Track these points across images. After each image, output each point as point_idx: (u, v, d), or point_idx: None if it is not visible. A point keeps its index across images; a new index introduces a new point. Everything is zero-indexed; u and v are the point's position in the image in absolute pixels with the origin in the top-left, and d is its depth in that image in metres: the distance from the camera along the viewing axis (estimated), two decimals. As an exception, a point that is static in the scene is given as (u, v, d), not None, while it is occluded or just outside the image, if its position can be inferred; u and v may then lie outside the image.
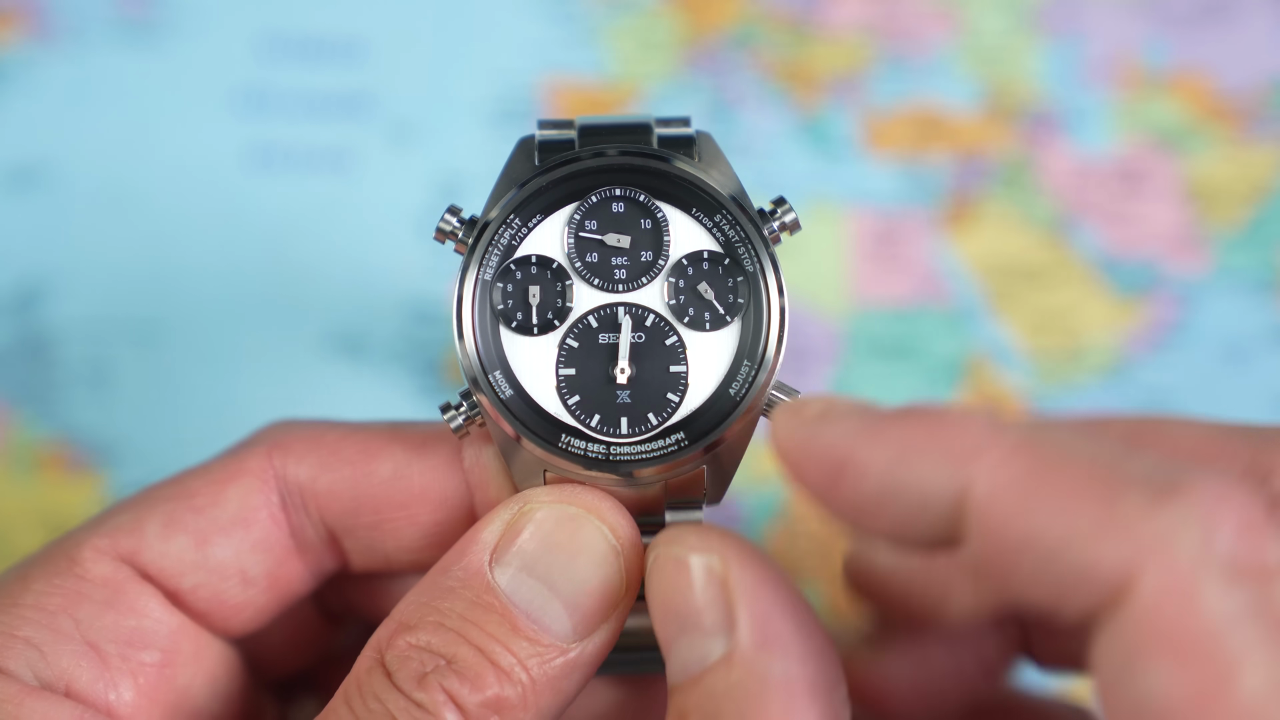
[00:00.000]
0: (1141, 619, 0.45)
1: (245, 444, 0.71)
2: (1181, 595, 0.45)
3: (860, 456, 0.52)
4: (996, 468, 0.49)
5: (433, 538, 0.70)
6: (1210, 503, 0.46)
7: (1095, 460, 0.48)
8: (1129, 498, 0.46)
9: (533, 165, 0.68)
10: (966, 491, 0.49)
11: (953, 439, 0.50)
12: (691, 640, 0.53)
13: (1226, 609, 0.45)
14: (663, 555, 0.53)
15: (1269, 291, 0.99)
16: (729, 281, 0.67)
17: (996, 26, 1.00)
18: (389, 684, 0.61)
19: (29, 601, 0.66)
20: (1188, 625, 0.45)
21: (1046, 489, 0.48)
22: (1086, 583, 0.47)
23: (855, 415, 0.53)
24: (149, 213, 0.99)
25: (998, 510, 0.48)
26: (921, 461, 0.50)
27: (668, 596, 0.53)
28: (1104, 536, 0.46)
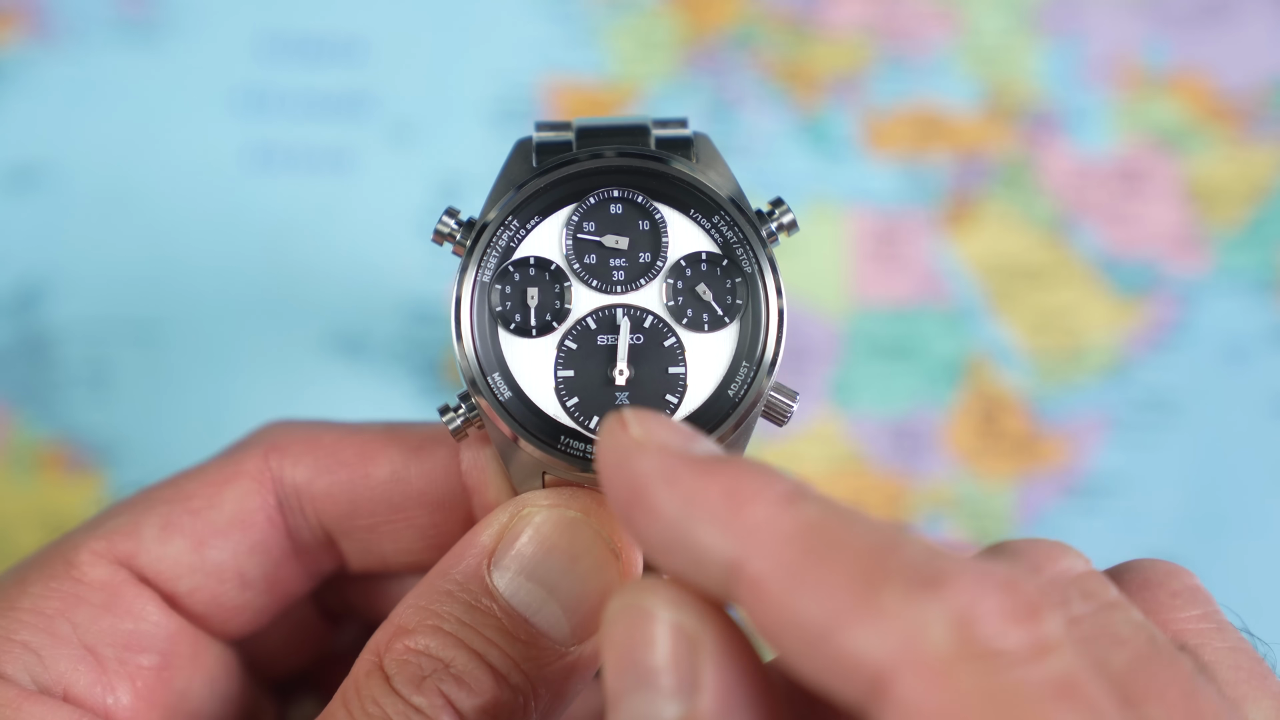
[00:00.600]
0: (906, 710, 0.45)
1: (241, 445, 0.71)
2: (936, 686, 0.45)
3: (653, 500, 0.51)
4: (769, 549, 0.48)
5: (430, 540, 0.70)
6: (968, 593, 0.46)
7: (866, 549, 0.48)
8: (889, 589, 0.46)
9: (530, 167, 0.68)
10: (739, 566, 0.49)
11: (737, 509, 0.49)
12: (645, 698, 0.50)
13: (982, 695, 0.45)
14: (631, 604, 0.52)
15: (1269, 291, 0.99)
16: (727, 283, 0.67)
17: (996, 26, 1.00)
18: (387, 688, 0.61)
19: (26, 605, 0.66)
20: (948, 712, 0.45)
21: (813, 576, 0.47)
22: (847, 672, 0.47)
23: (663, 454, 0.52)
24: (149, 213, 0.99)
25: (765, 591, 0.48)
26: (703, 524, 0.50)
27: (629, 648, 0.51)
28: (861, 628, 0.46)
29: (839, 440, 0.99)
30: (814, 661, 0.48)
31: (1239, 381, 0.99)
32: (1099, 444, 0.99)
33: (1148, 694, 0.49)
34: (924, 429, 0.99)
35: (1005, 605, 0.46)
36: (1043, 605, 0.47)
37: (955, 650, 0.45)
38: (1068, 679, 0.46)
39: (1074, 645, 0.47)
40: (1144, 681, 0.50)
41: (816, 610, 0.47)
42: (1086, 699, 0.46)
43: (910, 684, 0.45)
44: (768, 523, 0.49)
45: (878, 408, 0.99)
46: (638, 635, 0.51)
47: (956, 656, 0.45)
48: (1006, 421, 0.99)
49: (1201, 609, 0.56)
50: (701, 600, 0.51)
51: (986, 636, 0.46)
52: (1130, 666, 0.50)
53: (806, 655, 0.48)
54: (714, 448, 0.53)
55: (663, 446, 0.52)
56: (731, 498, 0.50)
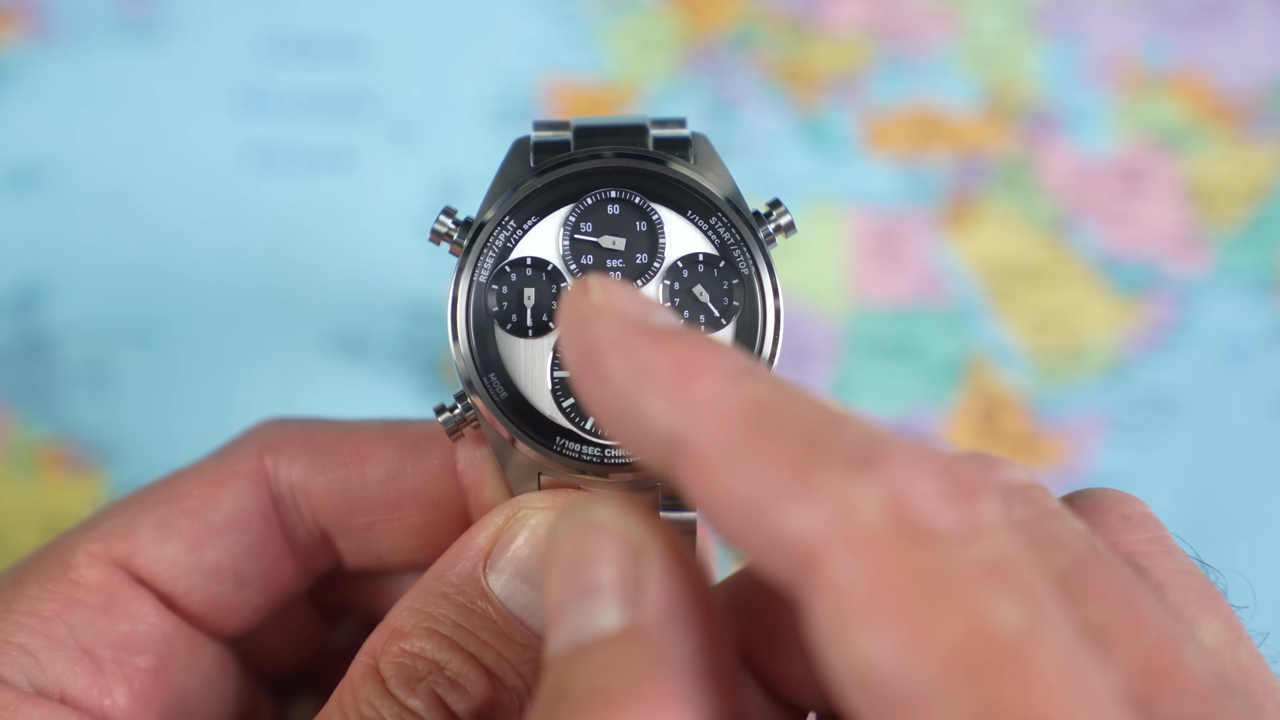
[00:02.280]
0: (834, 587, 0.45)
1: (236, 444, 0.71)
2: (865, 564, 0.45)
3: (605, 364, 0.51)
4: (712, 423, 0.48)
5: (426, 538, 0.70)
6: (904, 472, 0.46)
7: (807, 428, 0.47)
8: (826, 468, 0.46)
9: (528, 167, 0.67)
10: (680, 438, 0.48)
11: (685, 382, 0.49)
12: (588, 608, 0.50)
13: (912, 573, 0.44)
14: (579, 517, 0.51)
15: (1269, 291, 0.99)
16: (724, 284, 0.67)
17: (996, 26, 1.00)
18: (383, 690, 0.61)
19: (23, 607, 0.66)
20: (878, 589, 0.44)
21: (752, 451, 0.47)
22: (780, 550, 0.46)
23: (620, 321, 0.51)
24: (149, 212, 0.99)
25: (705, 465, 0.48)
26: (650, 394, 0.49)
27: (573, 559, 0.50)
28: (794, 505, 0.46)
29: (839, 440, 0.99)
30: (749, 538, 0.47)
31: (1239, 381, 0.99)
32: (1099, 444, 0.99)
33: (1086, 593, 0.49)
34: (924, 429, 0.99)
35: (941, 487, 0.46)
36: (979, 490, 0.46)
37: (887, 528, 0.45)
38: (1001, 560, 0.45)
39: (1012, 533, 0.46)
40: (1082, 582, 0.49)
41: (752, 486, 0.47)
42: (1021, 581, 0.45)
43: (840, 561, 0.45)
44: (713, 397, 0.48)
45: (878, 408, 0.99)
46: (584, 547, 0.51)
47: (888, 535, 0.45)
48: (1006, 421, 0.99)
49: (1152, 532, 0.56)
50: (647, 512, 0.51)
51: (919, 516, 0.45)
52: (1069, 568, 0.50)
53: (742, 532, 0.47)
54: (674, 320, 0.53)
55: (621, 313, 0.52)
56: (680, 370, 0.49)
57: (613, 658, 0.49)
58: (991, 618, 0.44)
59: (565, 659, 0.50)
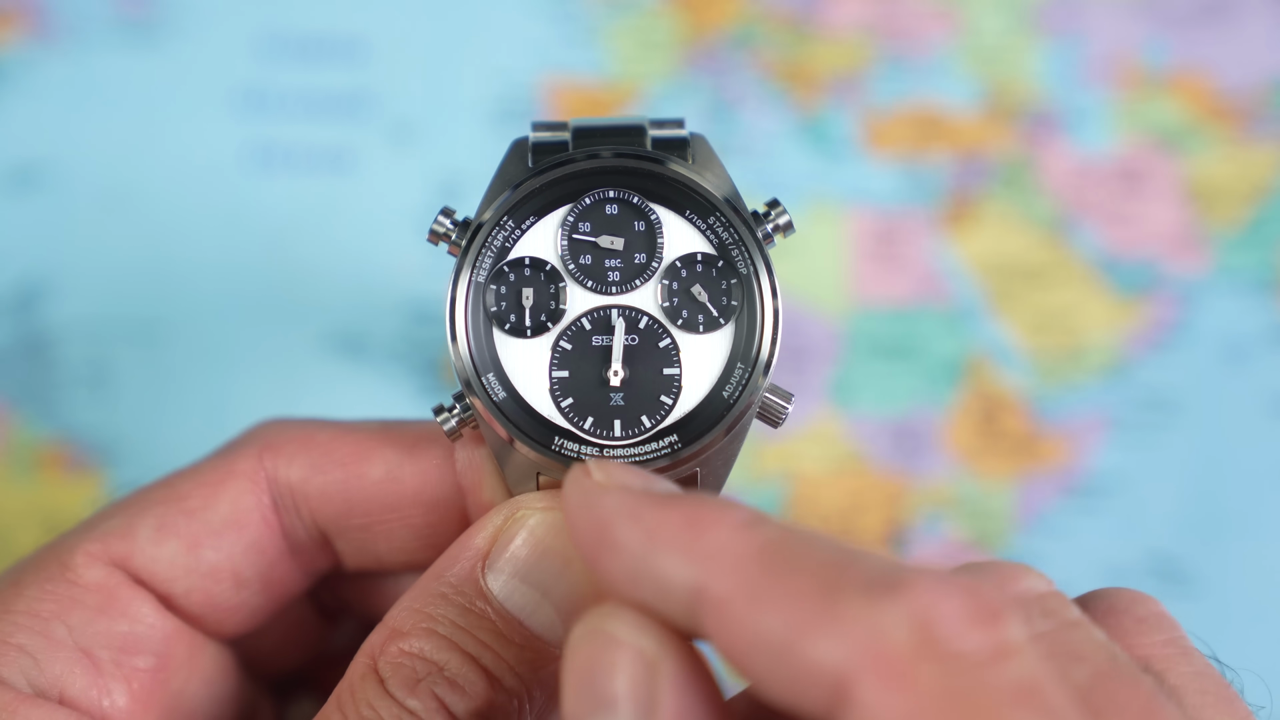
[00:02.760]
0: (870, 713, 0.46)
1: (236, 444, 0.71)
2: (897, 688, 0.45)
3: (617, 535, 0.52)
4: (730, 569, 0.49)
5: (425, 539, 0.70)
6: (928, 596, 0.46)
7: (825, 563, 0.48)
8: (848, 597, 0.47)
9: (526, 167, 0.68)
10: (702, 591, 0.50)
11: (697, 536, 0.50)
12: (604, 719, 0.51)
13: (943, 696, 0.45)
14: (596, 629, 0.52)
15: (1269, 291, 0.99)
16: (723, 284, 0.67)
17: (996, 26, 1.00)
18: (382, 691, 0.61)
19: (22, 608, 0.66)
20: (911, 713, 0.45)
21: (774, 591, 0.48)
22: (810, 682, 0.47)
23: (625, 493, 0.53)
24: (149, 213, 0.99)
25: (728, 612, 0.49)
26: (665, 553, 0.51)
27: (590, 672, 0.52)
28: (821, 635, 0.47)
29: (839, 440, 0.99)
30: (779, 677, 0.48)
31: (1239, 381, 0.99)
32: (1099, 444, 0.99)
33: (1109, 709, 0.49)
34: (924, 429, 0.99)
35: (966, 608, 0.46)
36: (1003, 611, 0.47)
37: (916, 651, 0.46)
38: (1029, 682, 0.46)
39: (1035, 652, 0.47)
40: (1105, 697, 0.50)
41: (778, 624, 0.48)
42: (1048, 703, 0.46)
43: (872, 687, 0.46)
44: (727, 545, 0.50)
45: (878, 408, 0.99)
46: (600, 660, 0.52)
47: (917, 657, 0.46)
48: (1006, 421, 0.99)
49: (1167, 634, 0.57)
50: (663, 626, 0.52)
51: (947, 638, 0.46)
52: (1091, 682, 0.50)
53: (772, 672, 0.48)
54: (673, 487, 0.55)
55: (624, 486, 0.54)
56: (691, 526, 0.51)
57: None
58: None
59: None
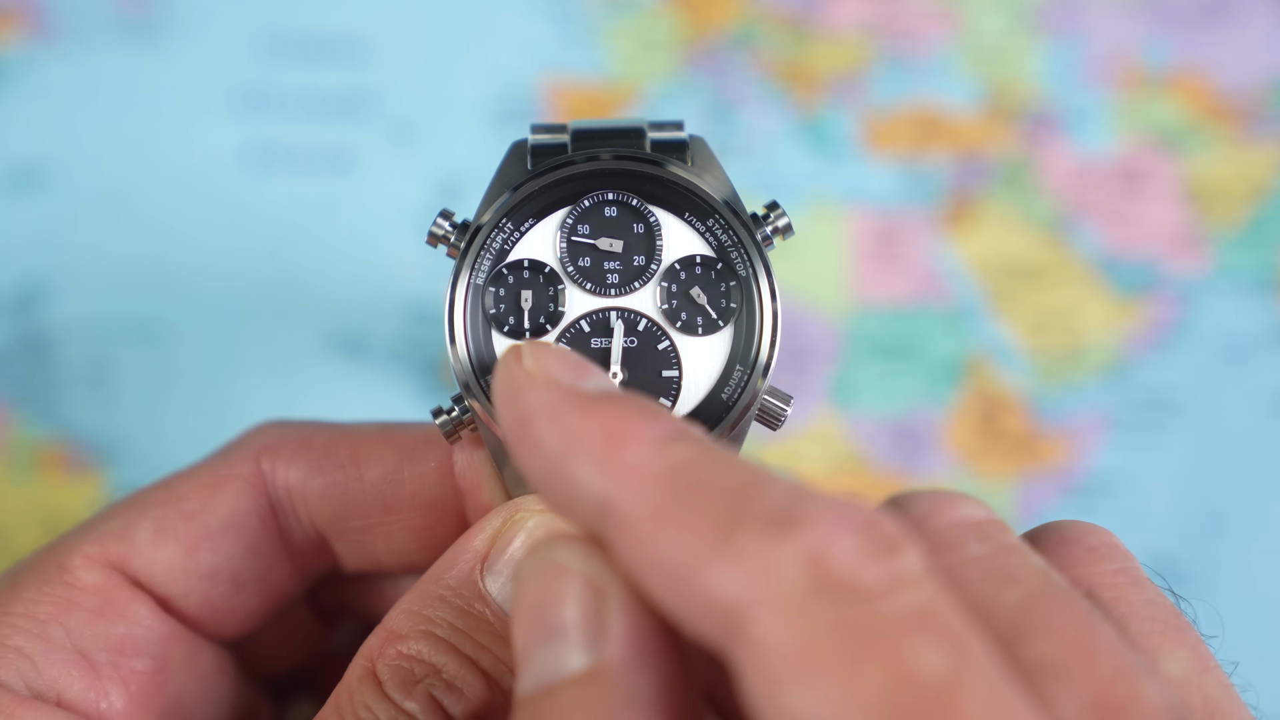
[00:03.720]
0: (761, 649, 0.45)
1: (233, 446, 0.71)
2: (788, 623, 0.45)
3: (535, 434, 0.51)
4: (637, 488, 0.49)
5: (424, 541, 0.70)
6: (823, 532, 0.46)
7: (730, 491, 0.47)
8: (747, 530, 0.46)
9: (525, 169, 0.68)
10: (609, 505, 0.49)
11: (612, 449, 0.49)
12: (554, 650, 0.50)
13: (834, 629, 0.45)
14: (545, 559, 0.52)
15: (1269, 291, 0.99)
16: (722, 286, 0.67)
17: (996, 26, 1.00)
18: (379, 693, 0.61)
19: (19, 610, 0.66)
20: (803, 648, 0.45)
21: (676, 516, 0.47)
22: (706, 612, 0.46)
23: (550, 389, 0.52)
24: (149, 213, 0.99)
25: (632, 531, 0.48)
26: (578, 462, 0.50)
27: (538, 600, 0.51)
28: (717, 568, 0.46)
29: (839, 440, 0.99)
30: (677, 604, 0.47)
31: (1239, 381, 0.99)
32: (1099, 444, 0.99)
33: (1036, 629, 0.49)
34: (924, 429, 0.99)
35: (861, 542, 0.46)
36: (901, 542, 0.46)
37: (807, 587, 0.45)
38: (925, 609, 0.45)
39: (933, 580, 0.46)
40: (1035, 618, 0.49)
41: (678, 551, 0.47)
42: (945, 628, 0.45)
43: (764, 622, 0.45)
44: (639, 463, 0.49)
45: (878, 408, 0.99)
46: (549, 588, 0.51)
47: (808, 593, 0.45)
48: (1006, 421, 0.99)
49: (1119, 564, 0.55)
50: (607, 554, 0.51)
51: (839, 572, 0.45)
52: (1022, 604, 0.49)
53: (670, 597, 0.48)
54: (607, 383, 0.53)
55: (551, 381, 0.52)
56: (608, 437, 0.50)
57: (578, 699, 0.50)
58: (915, 666, 0.44)
59: (533, 700, 0.51)
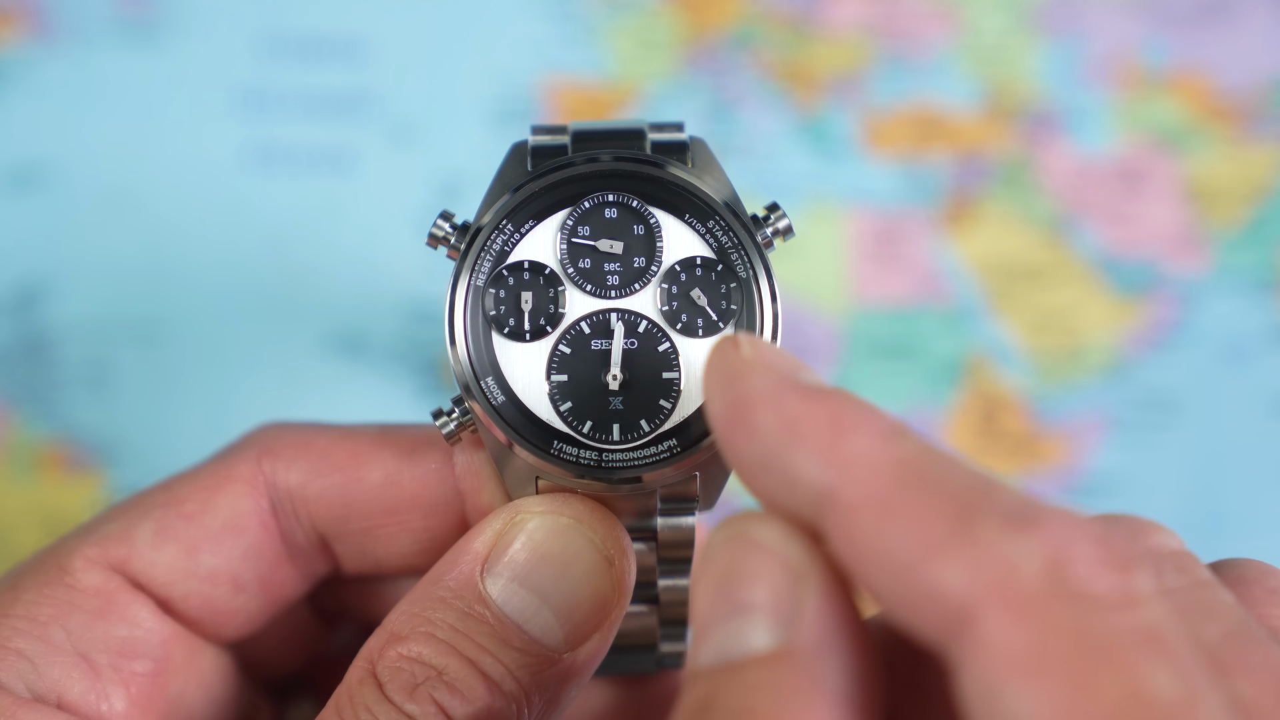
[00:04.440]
0: (990, 644, 0.45)
1: (234, 449, 0.71)
2: (1023, 623, 0.45)
3: (756, 419, 0.51)
4: (865, 478, 0.49)
5: (424, 543, 0.70)
6: (1063, 535, 0.46)
7: (962, 487, 0.48)
8: (982, 525, 0.46)
9: (525, 170, 0.67)
10: (832, 493, 0.49)
11: (837, 438, 0.50)
12: (741, 626, 0.50)
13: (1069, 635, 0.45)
14: (740, 533, 0.52)
15: (1269, 291, 0.99)
16: (722, 288, 0.67)
17: (996, 26, 1.00)
18: (380, 695, 0.61)
19: (20, 612, 0.66)
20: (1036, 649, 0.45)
21: (907, 507, 0.48)
22: (932, 605, 0.47)
23: (771, 375, 0.52)
24: (149, 213, 0.99)
25: (857, 519, 0.49)
26: (801, 449, 0.50)
27: (729, 575, 0.51)
28: (949, 559, 0.46)
29: (839, 440, 0.99)
30: (901, 595, 0.48)
31: (1239, 381, 0.99)
32: (1099, 444, 0.99)
33: (1237, 668, 0.49)
34: (924, 429, 0.99)
35: (1099, 552, 0.46)
36: (1135, 560, 0.47)
37: (1046, 587, 0.45)
38: (1156, 630, 0.45)
39: (1164, 604, 0.46)
40: (1234, 657, 0.49)
41: (907, 540, 0.47)
42: (1173, 652, 0.45)
43: (996, 619, 0.45)
44: (866, 453, 0.49)
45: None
46: (742, 564, 0.51)
47: (1047, 594, 0.45)
48: (1006, 421, 0.99)
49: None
50: (809, 537, 0.51)
51: (1078, 578, 0.46)
52: (1221, 641, 0.50)
53: (893, 587, 0.48)
54: (818, 378, 0.53)
55: (771, 369, 0.53)
56: (833, 426, 0.50)
57: (763, 678, 0.49)
58: (1149, 685, 0.44)
59: (713, 674, 0.51)
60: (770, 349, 0.54)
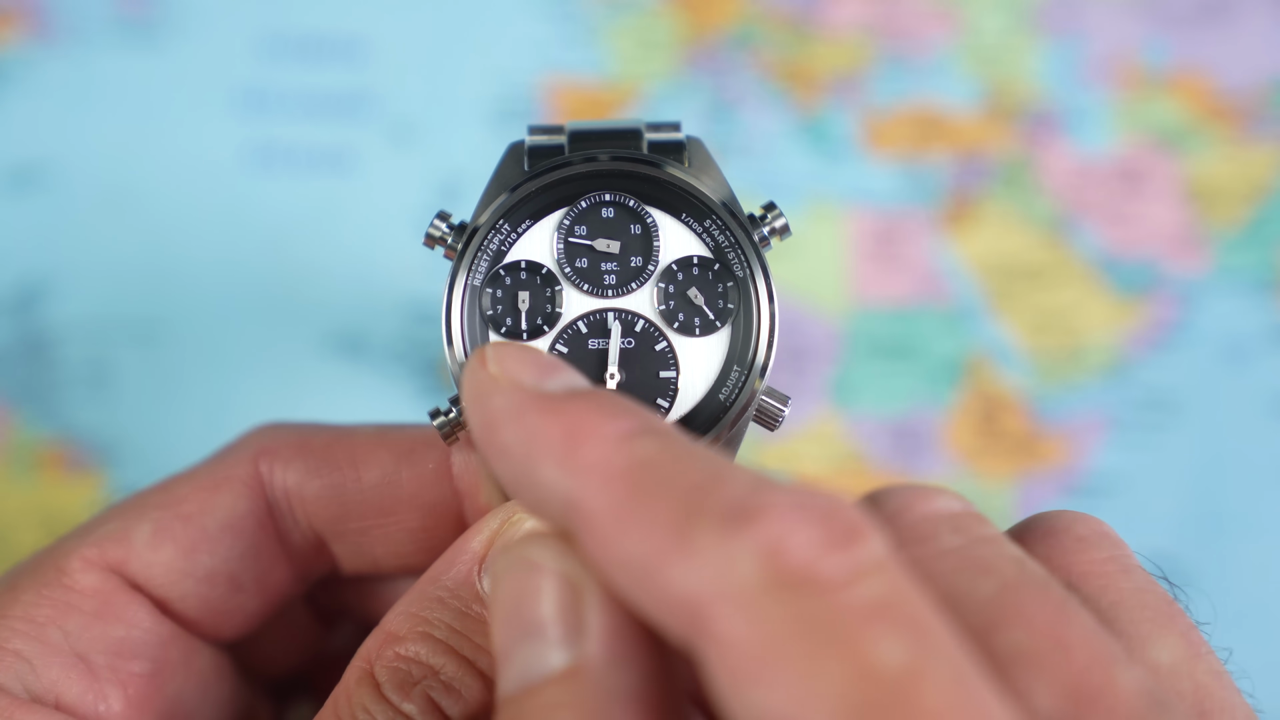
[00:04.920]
0: (722, 645, 0.45)
1: (231, 449, 0.71)
2: (747, 619, 0.45)
3: (500, 437, 0.51)
4: (599, 486, 0.48)
5: (422, 543, 0.70)
6: (780, 525, 0.45)
7: (689, 486, 0.47)
8: (703, 525, 0.46)
9: (522, 170, 0.67)
10: (572, 504, 0.49)
11: (573, 448, 0.49)
12: (534, 649, 0.50)
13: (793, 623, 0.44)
14: (518, 557, 0.52)
15: (1269, 291, 0.99)
16: (719, 287, 0.67)
17: (996, 26, 1.00)
18: (377, 695, 0.61)
19: (17, 613, 0.66)
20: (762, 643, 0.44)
21: (636, 513, 0.47)
22: (669, 609, 0.46)
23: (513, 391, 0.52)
24: (149, 213, 0.99)
25: (596, 529, 0.48)
26: (542, 462, 0.50)
27: (515, 599, 0.51)
28: (677, 565, 0.46)
29: (839, 440, 0.99)
30: (642, 600, 0.47)
31: (1239, 381, 0.99)
32: (1099, 444, 0.99)
33: (1008, 619, 0.48)
34: (924, 429, 0.99)
35: (820, 533, 0.45)
36: (863, 530, 0.46)
37: (763, 581, 0.45)
38: (886, 598, 0.45)
39: (894, 570, 0.46)
40: (1008, 608, 0.48)
41: (639, 548, 0.47)
42: (907, 617, 0.44)
43: (724, 618, 0.45)
44: (599, 461, 0.49)
45: (878, 408, 0.99)
46: (525, 587, 0.51)
47: (765, 587, 0.45)
48: (1006, 421, 0.99)
49: (1108, 551, 0.55)
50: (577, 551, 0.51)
51: (796, 565, 0.45)
52: (995, 594, 0.49)
53: (636, 594, 0.47)
54: (572, 381, 0.53)
55: (514, 384, 0.52)
56: (570, 436, 0.49)
57: (560, 697, 0.49)
58: (874, 658, 0.44)
59: (514, 699, 0.51)
60: (517, 358, 0.53)
